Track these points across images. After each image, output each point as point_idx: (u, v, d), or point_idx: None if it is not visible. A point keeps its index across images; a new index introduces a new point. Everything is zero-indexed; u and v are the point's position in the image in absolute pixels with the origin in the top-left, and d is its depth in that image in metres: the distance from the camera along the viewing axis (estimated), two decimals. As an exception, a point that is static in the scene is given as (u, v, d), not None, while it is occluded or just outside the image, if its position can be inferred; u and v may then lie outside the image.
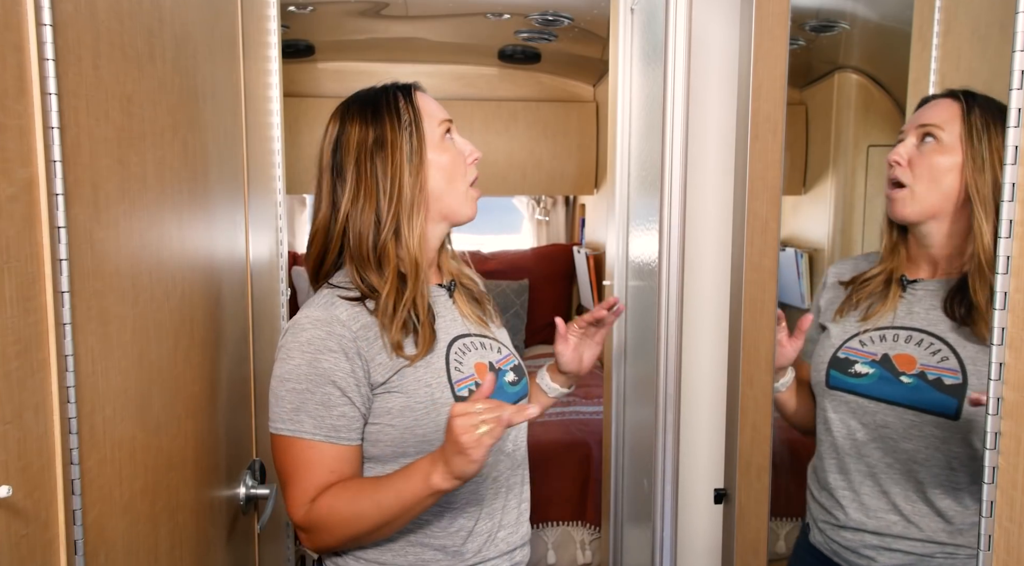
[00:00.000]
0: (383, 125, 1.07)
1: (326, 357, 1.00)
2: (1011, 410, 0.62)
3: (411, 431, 1.03)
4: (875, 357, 1.16)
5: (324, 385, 1.00)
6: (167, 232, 1.00)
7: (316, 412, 1.00)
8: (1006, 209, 0.62)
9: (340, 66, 3.53)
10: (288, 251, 2.29)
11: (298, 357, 1.00)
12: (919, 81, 1.42)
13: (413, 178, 1.07)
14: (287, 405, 1.01)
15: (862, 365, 1.16)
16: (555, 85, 3.76)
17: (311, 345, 1.00)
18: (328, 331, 1.01)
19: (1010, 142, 0.61)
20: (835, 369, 1.19)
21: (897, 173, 1.11)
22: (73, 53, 0.74)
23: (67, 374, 0.73)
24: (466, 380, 1.08)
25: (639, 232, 1.76)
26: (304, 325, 1.02)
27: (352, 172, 1.07)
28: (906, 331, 1.15)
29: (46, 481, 0.71)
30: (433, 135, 1.09)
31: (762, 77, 1.15)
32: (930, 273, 1.16)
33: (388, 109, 1.08)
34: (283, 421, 1.01)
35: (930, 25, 1.38)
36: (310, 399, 1.00)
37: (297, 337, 1.01)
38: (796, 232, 2.09)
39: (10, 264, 0.65)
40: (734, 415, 1.23)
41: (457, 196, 1.11)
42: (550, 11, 2.71)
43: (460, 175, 1.11)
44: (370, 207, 1.06)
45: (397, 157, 1.06)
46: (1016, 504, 0.62)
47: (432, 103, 1.12)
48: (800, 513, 2.03)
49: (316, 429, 1.00)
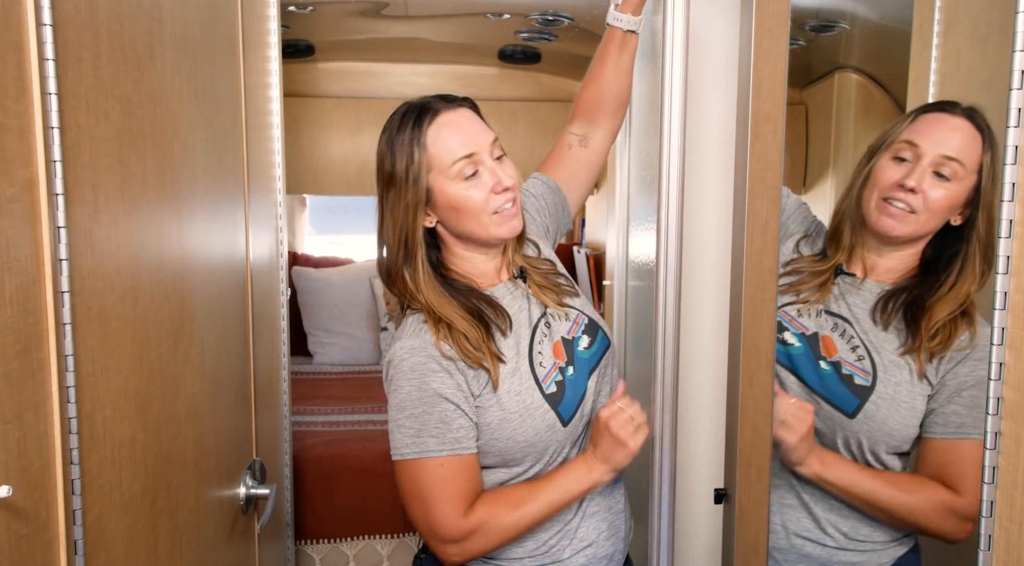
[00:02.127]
0: (394, 159, 1.07)
1: (432, 378, 1.04)
2: (1011, 410, 0.62)
3: (513, 440, 1.07)
4: (805, 331, 1.18)
5: (438, 404, 1.04)
6: (167, 232, 1.00)
7: (437, 430, 1.04)
8: (1006, 209, 0.62)
9: (340, 66, 3.52)
10: (288, 251, 2.29)
11: (407, 385, 1.04)
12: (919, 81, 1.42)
13: (411, 221, 1.07)
14: (408, 431, 1.05)
15: (791, 335, 1.18)
16: (555, 85, 3.76)
17: (415, 372, 1.04)
18: (426, 355, 1.05)
19: (1010, 142, 0.61)
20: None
21: (910, 200, 1.09)
22: (73, 53, 0.74)
23: (67, 374, 0.73)
24: (549, 374, 1.11)
25: (639, 232, 1.76)
26: (403, 356, 1.06)
27: (378, 195, 1.11)
28: (834, 318, 1.17)
29: (46, 481, 0.71)
30: (446, 176, 1.06)
31: (762, 77, 1.15)
32: (864, 274, 1.18)
33: (403, 141, 1.06)
34: (407, 446, 1.05)
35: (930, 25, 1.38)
36: (429, 420, 1.04)
37: (400, 368, 1.06)
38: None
39: (10, 264, 0.65)
40: (734, 415, 1.23)
41: (481, 229, 1.09)
42: (550, 11, 2.71)
43: (481, 210, 1.07)
44: (389, 234, 1.10)
45: (402, 201, 1.07)
46: (1016, 504, 0.62)
47: (453, 136, 1.06)
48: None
49: (440, 446, 1.04)
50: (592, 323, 1.21)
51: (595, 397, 1.17)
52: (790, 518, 1.18)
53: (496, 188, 1.07)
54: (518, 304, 1.15)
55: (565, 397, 1.11)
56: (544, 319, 1.16)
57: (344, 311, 3.50)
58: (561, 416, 1.10)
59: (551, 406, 1.09)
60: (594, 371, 1.17)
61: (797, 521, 1.17)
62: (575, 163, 1.34)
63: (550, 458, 1.12)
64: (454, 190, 1.06)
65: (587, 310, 1.22)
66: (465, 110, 1.10)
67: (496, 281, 1.17)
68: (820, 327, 1.17)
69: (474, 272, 1.15)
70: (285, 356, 1.82)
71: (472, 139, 1.07)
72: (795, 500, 1.18)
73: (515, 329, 1.12)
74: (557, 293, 1.20)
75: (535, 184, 1.30)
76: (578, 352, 1.16)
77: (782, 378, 1.18)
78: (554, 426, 1.09)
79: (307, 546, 2.38)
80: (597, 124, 1.34)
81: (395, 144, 1.07)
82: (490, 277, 1.17)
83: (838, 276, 1.19)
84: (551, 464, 1.12)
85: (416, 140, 1.05)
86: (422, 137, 1.05)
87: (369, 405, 2.88)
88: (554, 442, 1.10)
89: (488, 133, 1.10)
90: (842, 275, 1.19)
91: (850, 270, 1.19)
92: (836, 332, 1.16)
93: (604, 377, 1.19)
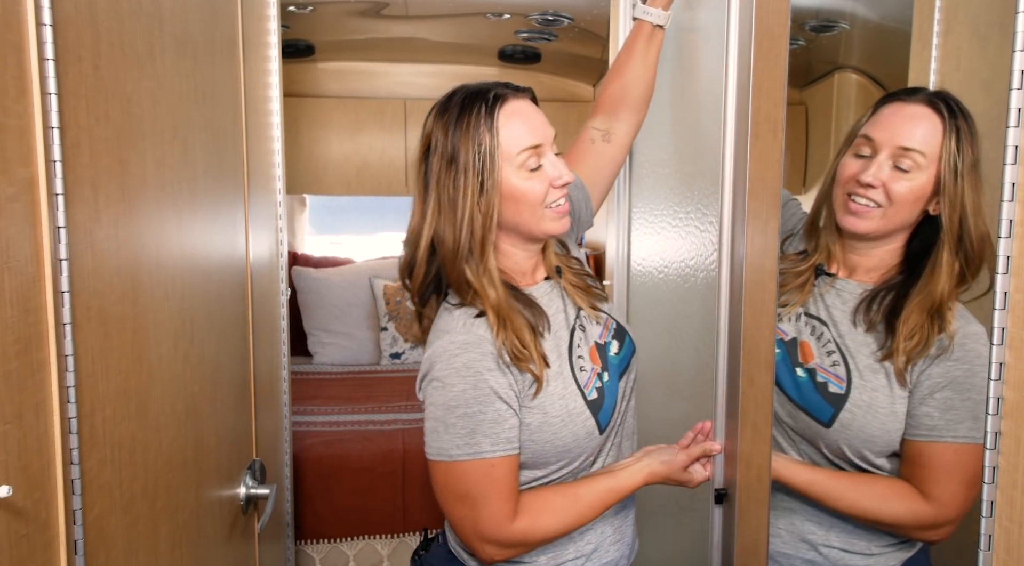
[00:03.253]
0: (460, 141, 1.01)
1: (487, 376, 1.01)
2: (1011, 410, 0.62)
3: (551, 444, 1.06)
4: (785, 337, 1.16)
5: (493, 403, 1.01)
6: (167, 232, 1.00)
7: (491, 431, 1.01)
8: (1006, 209, 0.61)
9: (340, 66, 3.53)
10: (288, 251, 2.29)
11: (460, 383, 1.01)
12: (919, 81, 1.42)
13: (484, 208, 1.01)
14: (460, 431, 1.01)
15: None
16: (555, 85, 3.76)
17: (469, 369, 1.00)
18: (481, 352, 1.02)
19: (1010, 142, 0.61)
20: None
21: (872, 195, 1.07)
22: (73, 53, 0.74)
23: (67, 374, 0.73)
24: (590, 380, 1.10)
25: (639, 232, 1.76)
26: (455, 351, 1.02)
27: (434, 181, 1.03)
28: (815, 321, 1.15)
29: (46, 481, 0.71)
30: (511, 165, 1.03)
31: (762, 77, 1.15)
32: (846, 274, 1.16)
33: (470, 125, 1.01)
34: (459, 448, 1.01)
35: (930, 25, 1.38)
36: (483, 420, 1.01)
37: (452, 364, 1.01)
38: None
39: (10, 264, 0.65)
40: (734, 415, 1.23)
41: (533, 222, 1.06)
42: (550, 11, 2.71)
43: (539, 203, 1.04)
44: (449, 223, 1.02)
45: (470, 180, 1.01)
46: (1016, 504, 0.62)
47: (521, 125, 1.03)
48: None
49: (494, 446, 1.01)
50: (620, 328, 1.20)
51: (625, 403, 1.16)
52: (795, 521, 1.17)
53: (556, 182, 1.05)
54: (556, 305, 1.14)
55: (604, 404, 1.10)
56: (579, 321, 1.15)
57: (344, 311, 3.50)
58: (600, 423, 1.09)
59: (592, 413, 1.08)
60: (623, 376, 1.16)
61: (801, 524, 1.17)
62: (598, 158, 1.32)
63: (579, 464, 1.11)
64: (517, 180, 1.03)
65: (615, 314, 1.22)
66: (529, 101, 1.08)
67: (533, 280, 1.15)
68: (799, 332, 1.15)
69: (515, 269, 1.12)
70: (285, 356, 1.82)
71: (539, 130, 1.05)
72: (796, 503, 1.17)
73: (554, 331, 1.10)
74: (588, 294, 1.18)
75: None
76: (610, 357, 1.15)
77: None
78: (592, 433, 1.08)
79: (307, 546, 2.38)
80: (620, 118, 1.33)
81: (460, 127, 1.01)
82: (528, 276, 1.14)
83: (818, 276, 1.17)
84: (579, 471, 1.11)
85: (487, 125, 1.01)
86: (493, 122, 1.01)
87: (369, 405, 2.88)
88: (588, 448, 1.09)
89: (550, 127, 1.08)
90: (823, 275, 1.17)
91: (830, 270, 1.17)
92: (813, 336, 1.14)
93: (629, 382, 1.18)
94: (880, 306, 1.10)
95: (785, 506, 1.17)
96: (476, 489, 1.02)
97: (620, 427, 1.17)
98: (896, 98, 1.10)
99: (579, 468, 1.12)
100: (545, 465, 1.09)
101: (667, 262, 1.57)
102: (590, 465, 1.13)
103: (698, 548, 1.36)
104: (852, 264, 1.16)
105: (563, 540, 1.12)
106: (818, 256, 1.18)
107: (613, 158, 1.33)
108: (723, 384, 1.28)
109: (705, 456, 1.14)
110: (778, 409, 1.16)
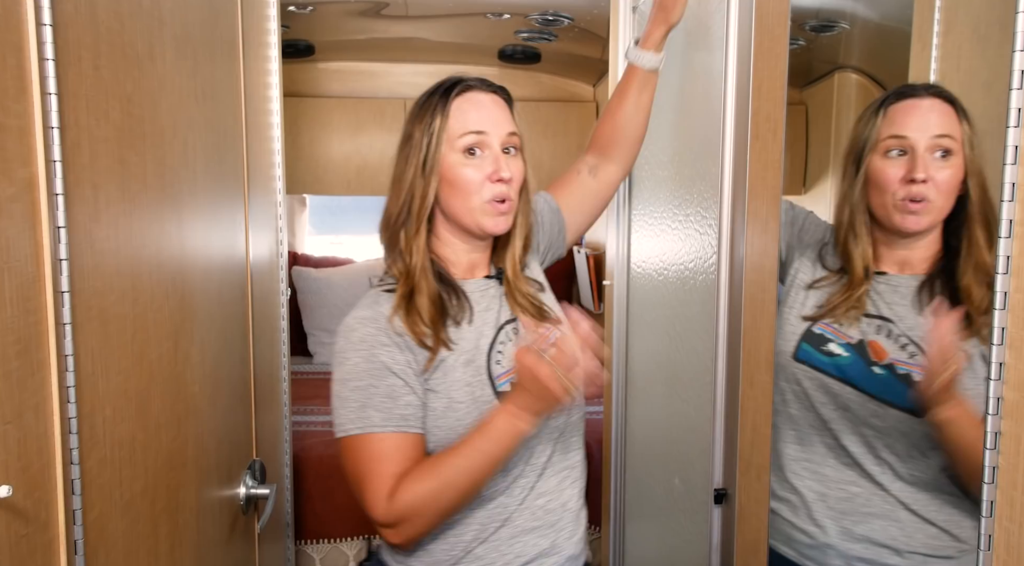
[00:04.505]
0: (415, 123, 1.08)
1: (381, 351, 1.01)
2: (1011, 410, 0.62)
3: (455, 430, 1.03)
4: (851, 340, 1.16)
5: (386, 377, 1.01)
6: (167, 232, 1.00)
7: (383, 405, 1.00)
8: (1006, 209, 0.61)
9: (340, 66, 3.53)
10: (288, 251, 2.29)
11: (354, 356, 1.02)
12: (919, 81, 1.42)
13: (422, 185, 1.07)
14: (352, 405, 1.01)
15: (837, 346, 1.17)
16: (555, 85, 3.76)
17: (364, 342, 1.02)
18: (377, 327, 1.03)
19: (1010, 142, 0.61)
20: (808, 343, 1.19)
21: (923, 190, 1.09)
22: (73, 53, 0.74)
23: (67, 374, 0.73)
24: (507, 374, 1.08)
25: (639, 233, 1.76)
26: (353, 325, 1.04)
27: (395, 160, 1.11)
28: (878, 320, 1.16)
29: (46, 481, 0.71)
30: (453, 148, 1.06)
31: (762, 77, 1.15)
32: (897, 270, 1.18)
33: (426, 108, 1.08)
34: (351, 421, 1.01)
35: (930, 25, 1.38)
36: (375, 393, 1.00)
37: (349, 338, 1.03)
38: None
39: (10, 264, 0.65)
40: (734, 415, 1.23)
41: (468, 212, 1.08)
42: (550, 11, 2.70)
43: (473, 192, 1.06)
44: (395, 196, 1.09)
45: (414, 159, 1.07)
46: (1016, 504, 0.62)
47: (473, 112, 1.07)
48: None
49: (385, 421, 1.00)
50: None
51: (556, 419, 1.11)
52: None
53: (493, 176, 1.06)
54: (486, 303, 1.13)
55: None
56: (515, 326, 1.13)
57: (344, 311, 3.44)
58: None
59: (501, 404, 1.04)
60: None
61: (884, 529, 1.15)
62: (582, 189, 1.35)
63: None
64: (453, 160, 1.06)
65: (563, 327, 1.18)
66: (497, 98, 1.11)
67: (470, 276, 1.15)
68: (864, 333, 1.16)
69: (451, 259, 1.13)
70: (285, 356, 1.82)
71: (489, 120, 1.07)
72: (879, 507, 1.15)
73: (477, 325, 1.10)
74: (536, 314, 1.15)
75: (536, 200, 1.30)
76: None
77: (836, 391, 1.16)
78: None
79: (307, 546, 2.38)
80: (610, 158, 1.36)
81: (422, 106, 1.08)
82: (463, 269, 1.14)
83: (872, 279, 1.18)
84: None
85: (440, 106, 1.07)
86: (447, 106, 1.07)
87: (369, 405, 2.88)
88: None
89: (509, 124, 1.10)
90: (876, 276, 1.18)
91: (882, 269, 1.18)
92: (881, 334, 1.14)
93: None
94: (939, 291, 1.12)
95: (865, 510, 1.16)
96: (364, 465, 1.00)
97: (544, 436, 1.11)
98: (903, 97, 1.13)
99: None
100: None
101: (667, 263, 1.57)
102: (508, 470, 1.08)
103: (698, 548, 1.36)
104: (901, 259, 1.17)
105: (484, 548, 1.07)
106: (860, 263, 1.18)
107: (597, 193, 1.36)
108: (723, 384, 1.28)
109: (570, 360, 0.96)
110: (858, 412, 1.15)
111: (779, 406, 1.23)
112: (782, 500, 1.24)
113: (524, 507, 1.09)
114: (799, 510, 1.22)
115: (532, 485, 1.10)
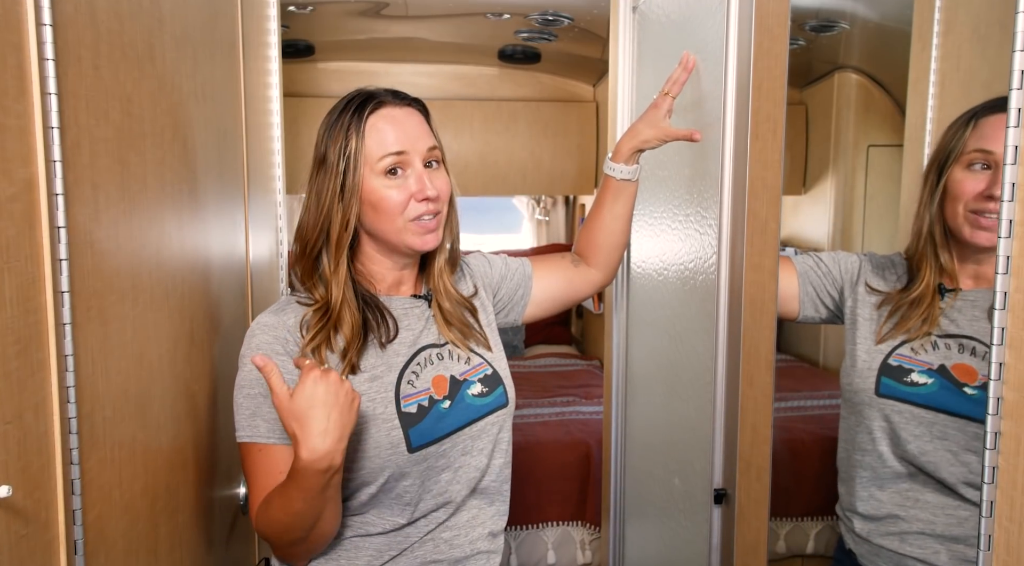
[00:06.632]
0: (329, 143, 1.04)
1: (276, 361, 0.97)
2: (1011, 410, 0.62)
3: (352, 446, 0.99)
4: (931, 366, 1.12)
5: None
6: (167, 232, 1.00)
7: (270, 415, 0.99)
8: (1006, 209, 0.62)
9: (340, 66, 3.53)
10: (288, 251, 2.29)
11: (250, 363, 1.00)
12: (919, 81, 1.42)
13: (341, 210, 1.03)
14: (244, 412, 1.01)
15: (919, 374, 1.13)
16: (555, 85, 3.76)
17: (260, 350, 1.01)
18: (275, 336, 1.01)
19: (1010, 142, 0.61)
20: (888, 377, 1.15)
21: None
22: (73, 53, 0.74)
23: (67, 374, 0.73)
24: (417, 395, 1.05)
25: (639, 234, 1.76)
26: (255, 331, 1.03)
27: (309, 179, 1.06)
28: (957, 340, 1.12)
29: (46, 481, 0.71)
30: (373, 171, 1.02)
31: (762, 77, 1.15)
32: (972, 284, 1.15)
33: (341, 127, 1.03)
34: (242, 428, 1.01)
35: (930, 25, 1.38)
36: (264, 403, 0.99)
37: (249, 343, 1.03)
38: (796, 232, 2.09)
39: (10, 264, 0.65)
40: (734, 415, 1.23)
41: (394, 233, 1.04)
42: (550, 11, 2.71)
43: (398, 214, 1.03)
44: (312, 220, 1.05)
45: (330, 184, 1.03)
46: (1016, 504, 0.62)
47: (390, 131, 1.03)
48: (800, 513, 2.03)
49: (270, 432, 0.99)
50: (495, 376, 1.14)
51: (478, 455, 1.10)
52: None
53: (418, 195, 1.03)
54: (408, 322, 1.10)
55: (423, 423, 1.04)
56: (438, 351, 1.10)
57: (344, 311, 3.49)
58: (409, 440, 1.02)
59: (401, 425, 1.02)
60: (477, 422, 1.10)
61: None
62: (561, 272, 1.35)
63: (384, 482, 1.03)
64: (376, 186, 1.03)
65: (496, 365, 1.16)
66: (412, 110, 1.07)
67: (395, 292, 1.13)
68: (946, 357, 1.12)
69: (375, 275, 1.11)
70: (285, 356, 1.81)
71: (408, 139, 1.04)
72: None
73: (394, 345, 1.07)
74: (464, 333, 1.14)
75: (512, 262, 1.31)
76: (465, 394, 1.10)
77: (930, 421, 1.11)
78: (398, 446, 1.01)
79: (307, 546, 2.37)
80: (591, 263, 1.38)
81: (334, 128, 1.04)
82: (387, 286, 1.12)
83: (943, 299, 1.15)
84: (385, 490, 1.04)
85: (354, 126, 1.02)
86: (361, 125, 1.02)
87: (369, 405, 2.88)
88: (392, 465, 1.02)
89: (428, 138, 1.06)
90: (948, 293, 1.15)
91: (952, 286, 1.15)
92: (965, 353, 1.11)
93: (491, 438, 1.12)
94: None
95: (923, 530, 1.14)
96: (251, 473, 1.00)
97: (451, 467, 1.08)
98: (992, 110, 1.10)
99: (386, 488, 1.03)
100: (351, 469, 1.01)
101: (667, 263, 1.57)
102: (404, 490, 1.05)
103: (698, 548, 1.36)
104: (976, 274, 1.15)
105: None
106: (931, 278, 1.16)
107: (572, 284, 1.36)
108: (723, 384, 1.28)
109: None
110: (959, 437, 1.10)
111: (866, 446, 1.19)
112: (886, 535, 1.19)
113: (428, 539, 1.08)
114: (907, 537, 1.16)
115: (442, 520, 1.08)
